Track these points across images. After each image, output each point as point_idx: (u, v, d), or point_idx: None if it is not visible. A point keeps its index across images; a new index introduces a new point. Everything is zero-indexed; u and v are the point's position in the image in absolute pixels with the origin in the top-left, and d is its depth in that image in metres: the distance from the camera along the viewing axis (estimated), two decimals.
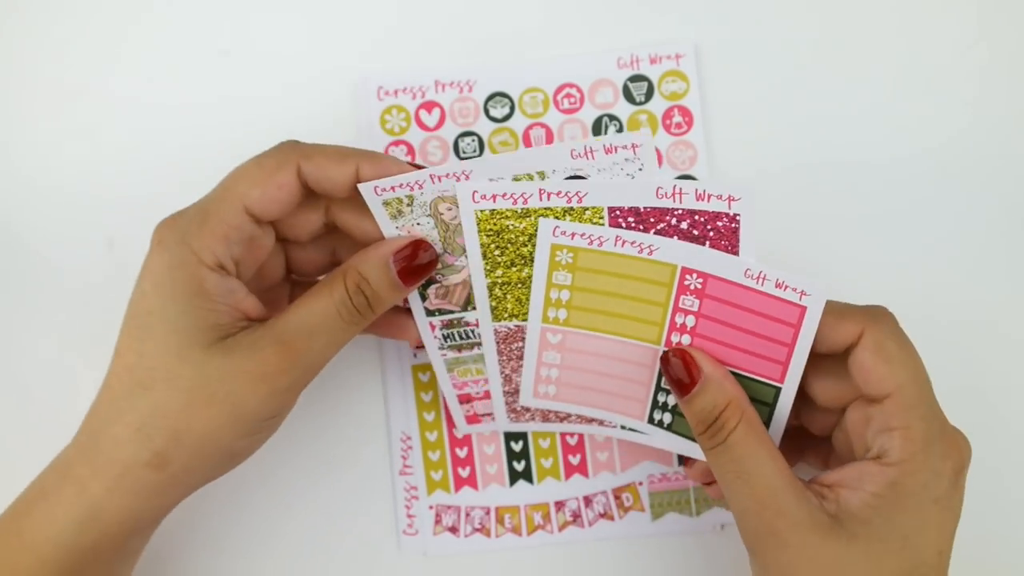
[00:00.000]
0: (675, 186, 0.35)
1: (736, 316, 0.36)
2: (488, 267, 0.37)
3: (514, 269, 0.37)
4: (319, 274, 0.41)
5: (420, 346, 0.40)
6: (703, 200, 0.35)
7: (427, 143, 0.45)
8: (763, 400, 0.37)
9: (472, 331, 0.40)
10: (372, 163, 0.36)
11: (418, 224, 0.37)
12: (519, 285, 0.38)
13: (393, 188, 0.35)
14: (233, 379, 0.34)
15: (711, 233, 0.35)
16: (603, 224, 0.36)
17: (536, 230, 0.36)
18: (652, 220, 0.35)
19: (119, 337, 0.36)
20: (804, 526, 0.34)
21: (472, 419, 0.43)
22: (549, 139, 0.45)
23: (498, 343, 0.40)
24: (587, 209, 0.36)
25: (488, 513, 0.45)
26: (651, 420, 0.40)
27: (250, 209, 0.35)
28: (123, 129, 0.46)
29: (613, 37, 0.45)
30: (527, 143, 0.45)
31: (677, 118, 0.45)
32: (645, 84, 0.45)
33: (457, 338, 0.40)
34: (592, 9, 0.46)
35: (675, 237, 0.36)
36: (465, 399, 0.43)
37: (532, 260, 0.37)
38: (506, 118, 0.45)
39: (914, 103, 0.45)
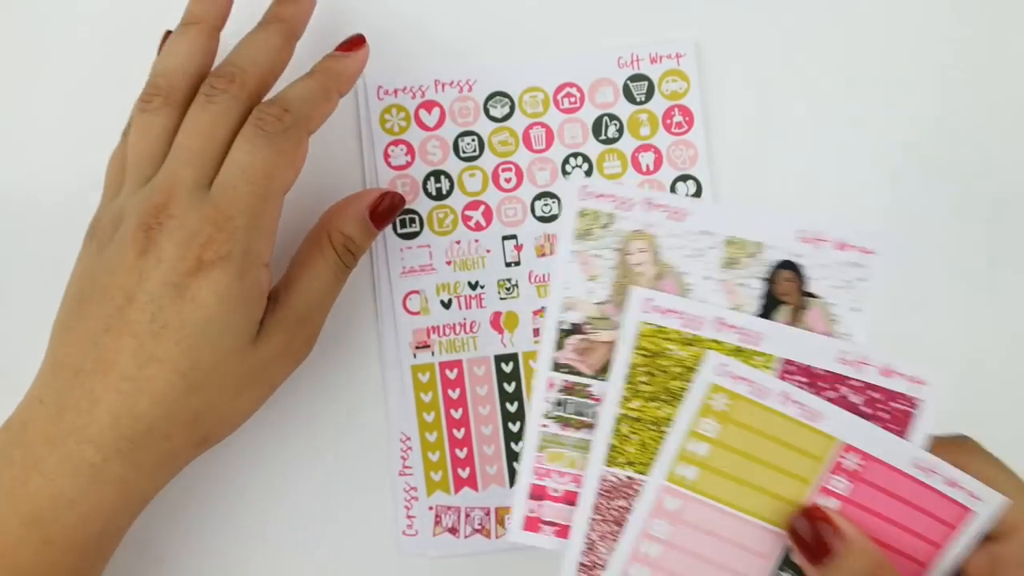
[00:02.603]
0: (863, 356, 0.32)
1: (888, 506, 0.33)
2: (627, 394, 0.33)
3: (653, 404, 0.33)
4: None
5: (421, 345, 0.40)
6: (887, 376, 0.32)
7: (427, 142, 0.45)
8: None
9: (591, 407, 0.34)
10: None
11: (599, 256, 0.33)
12: (652, 426, 0.33)
13: (600, 195, 0.33)
14: (271, 364, 0.37)
15: (882, 413, 0.32)
16: (772, 374, 0.32)
17: (694, 363, 0.32)
18: (823, 385, 0.32)
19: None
20: None
21: (531, 524, 0.36)
22: (549, 139, 0.45)
23: (599, 496, 0.34)
24: (758, 355, 0.32)
25: (488, 514, 0.45)
26: None
27: (286, 192, 0.37)
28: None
29: (613, 36, 0.45)
30: (527, 143, 0.45)
31: (677, 117, 0.45)
32: (645, 83, 0.45)
33: (570, 409, 0.35)
34: (592, 9, 0.45)
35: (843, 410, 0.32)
36: (537, 494, 0.35)
37: (678, 399, 0.32)
38: (506, 117, 0.45)
39: (916, 100, 0.45)
